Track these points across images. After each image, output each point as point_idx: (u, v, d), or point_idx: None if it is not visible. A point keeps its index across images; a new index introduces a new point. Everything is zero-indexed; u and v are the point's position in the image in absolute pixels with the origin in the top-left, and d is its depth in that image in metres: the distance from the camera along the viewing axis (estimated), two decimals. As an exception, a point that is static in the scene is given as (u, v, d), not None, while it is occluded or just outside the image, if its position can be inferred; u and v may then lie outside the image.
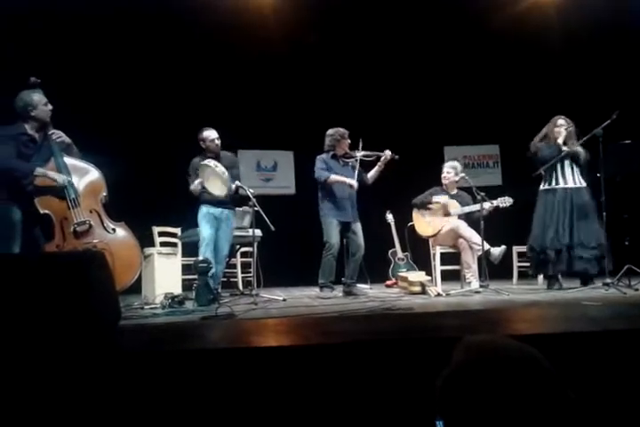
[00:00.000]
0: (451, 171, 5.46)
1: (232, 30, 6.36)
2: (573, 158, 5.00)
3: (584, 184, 4.99)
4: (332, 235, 5.01)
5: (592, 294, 4.29)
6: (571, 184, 4.99)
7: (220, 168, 4.55)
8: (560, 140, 5.00)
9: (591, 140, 4.79)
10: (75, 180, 3.93)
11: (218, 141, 4.87)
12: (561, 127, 5.04)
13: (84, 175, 4.02)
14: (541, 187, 5.13)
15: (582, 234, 4.82)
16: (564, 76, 7.04)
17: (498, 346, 1.02)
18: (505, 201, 5.14)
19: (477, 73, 7.29)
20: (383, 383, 1.96)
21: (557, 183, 5.02)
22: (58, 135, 3.97)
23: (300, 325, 2.98)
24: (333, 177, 5.05)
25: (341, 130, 5.20)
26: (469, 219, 5.31)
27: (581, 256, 4.76)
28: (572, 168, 5.02)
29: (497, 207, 5.12)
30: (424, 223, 5.47)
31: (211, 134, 4.86)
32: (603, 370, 1.99)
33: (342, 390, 1.95)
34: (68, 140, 4.02)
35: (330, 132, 5.24)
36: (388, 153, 5.09)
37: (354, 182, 5.01)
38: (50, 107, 3.93)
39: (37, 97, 3.89)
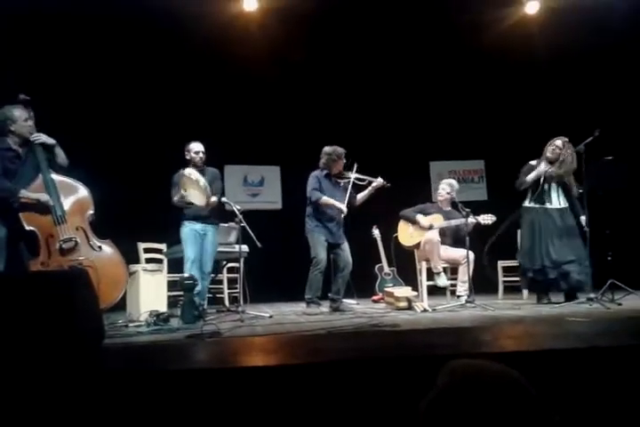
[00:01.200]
0: (447, 188, 5.54)
1: (220, 46, 6.41)
2: (560, 182, 5.07)
3: (566, 205, 5.08)
4: (320, 250, 5.01)
5: (576, 310, 4.32)
6: (555, 205, 5.07)
7: (197, 176, 4.53)
8: (542, 164, 5.05)
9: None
10: (62, 197, 3.91)
11: (202, 155, 4.86)
12: (554, 147, 5.09)
13: (72, 193, 4.00)
14: (526, 203, 5.18)
15: (570, 251, 4.87)
16: (548, 92, 7.15)
17: (481, 370, 1.03)
18: (487, 218, 5.17)
19: (463, 89, 7.39)
20: (370, 402, 1.95)
21: (541, 203, 5.09)
22: (37, 137, 3.93)
23: (287, 343, 2.96)
24: (325, 199, 5.05)
25: (339, 150, 5.17)
26: (457, 235, 5.36)
27: (572, 272, 4.80)
28: (558, 190, 5.10)
29: (478, 224, 5.14)
30: (407, 233, 5.55)
31: (195, 146, 4.86)
32: (588, 387, 2.01)
33: (329, 409, 1.94)
34: (50, 140, 3.98)
35: (327, 150, 5.20)
36: (380, 180, 5.12)
37: (344, 208, 5.01)
38: (30, 123, 3.92)
39: (18, 112, 3.89)
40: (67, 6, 5.56)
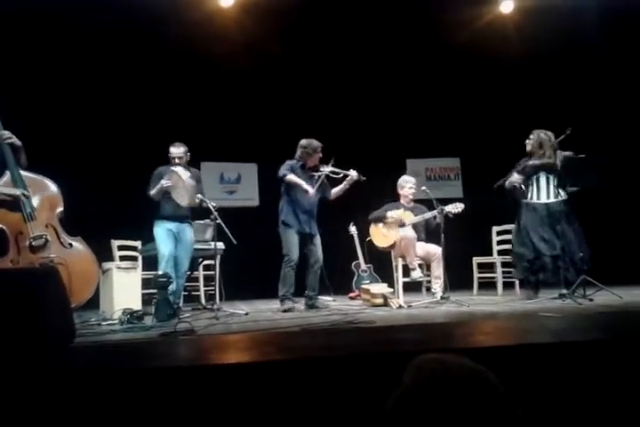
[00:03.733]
0: (413, 186, 5.57)
1: (195, 43, 6.36)
2: (548, 171, 4.98)
3: (562, 197, 4.95)
4: (292, 247, 5.00)
5: (549, 305, 4.38)
6: (544, 199, 4.99)
7: (188, 178, 4.53)
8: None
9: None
10: (31, 193, 3.84)
11: (177, 160, 4.83)
12: (526, 142, 5.13)
13: (41, 189, 3.93)
14: (523, 199, 5.13)
15: (567, 243, 4.83)
16: (522, 90, 7.23)
17: (448, 365, 1.03)
18: (456, 207, 5.15)
19: (439, 87, 7.43)
20: (344, 399, 1.95)
21: (532, 198, 5.04)
22: (8, 136, 3.85)
23: (261, 340, 2.95)
24: (291, 177, 5.00)
25: (314, 144, 5.15)
26: (428, 228, 5.38)
27: (571, 265, 4.79)
28: (548, 181, 5.01)
29: (449, 213, 5.12)
30: (380, 235, 5.55)
31: (175, 151, 4.85)
32: (558, 381, 2.03)
33: (303, 406, 1.93)
34: (18, 142, 3.91)
35: (302, 143, 5.17)
36: (354, 173, 5.08)
37: (310, 189, 4.97)
38: None
39: None
40: (41, 4, 5.47)
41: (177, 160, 4.82)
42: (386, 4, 6.53)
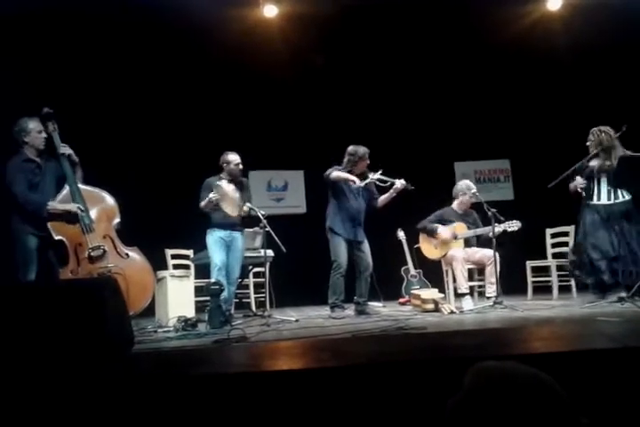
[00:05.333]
0: (467, 192, 5.42)
1: (241, 53, 6.46)
2: (609, 172, 4.79)
3: (624, 198, 4.78)
4: (340, 254, 4.99)
5: (608, 309, 4.23)
6: (604, 201, 4.82)
7: (232, 190, 4.63)
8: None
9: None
10: (89, 206, 3.99)
11: (241, 166, 4.98)
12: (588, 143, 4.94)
13: (99, 202, 4.09)
14: (585, 201, 4.97)
15: (628, 244, 4.66)
16: (572, 89, 7.05)
17: (508, 372, 1.02)
18: (512, 225, 5.03)
19: (486, 88, 7.32)
20: (396, 406, 1.94)
21: (592, 199, 4.88)
22: (66, 149, 4.03)
23: (313, 347, 2.96)
24: (336, 173, 4.98)
25: (361, 150, 5.08)
26: (479, 238, 5.30)
27: (633, 267, 4.60)
28: (609, 182, 4.81)
29: (504, 231, 5.03)
30: (431, 246, 5.49)
31: (236, 159, 4.97)
32: (619, 388, 1.96)
33: (356, 413, 1.94)
34: (75, 158, 4.10)
35: (350, 150, 5.12)
36: (401, 183, 4.99)
37: (357, 180, 4.90)
38: (44, 135, 4.02)
39: (33, 124, 3.99)
40: (89, 13, 5.69)
41: (240, 166, 4.94)
42: (428, 6, 6.48)
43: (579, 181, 4.88)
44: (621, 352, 2.13)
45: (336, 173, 4.99)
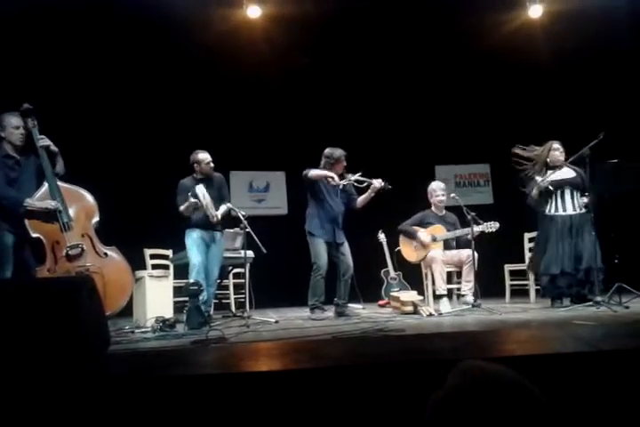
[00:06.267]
0: (441, 194, 5.51)
1: (223, 53, 6.44)
2: (573, 185, 4.95)
3: (582, 210, 4.93)
4: (320, 255, 4.99)
5: (583, 313, 4.29)
6: (570, 211, 4.94)
7: (207, 196, 4.62)
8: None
9: (579, 159, 4.85)
10: (68, 204, 3.94)
11: (212, 164, 4.92)
12: (556, 151, 5.05)
13: (78, 200, 4.04)
14: (543, 211, 5.08)
15: (586, 257, 4.78)
16: (552, 95, 7.15)
17: (491, 372, 1.02)
18: (491, 226, 5.12)
19: (467, 92, 7.39)
20: (375, 407, 1.95)
21: (557, 210, 4.99)
22: (43, 140, 3.98)
23: (292, 348, 2.96)
24: (313, 171, 5.00)
25: (337, 152, 5.12)
26: (459, 241, 5.35)
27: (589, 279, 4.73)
28: (573, 194, 4.97)
29: (482, 232, 5.10)
30: (411, 249, 5.54)
31: (206, 157, 4.90)
32: (593, 391, 1.99)
33: (334, 414, 1.94)
34: (54, 148, 4.04)
35: (326, 152, 5.15)
36: (378, 182, 5.03)
37: (335, 177, 4.92)
38: (21, 131, 3.96)
39: (10, 120, 3.94)
40: (71, 10, 5.63)
41: (211, 164, 4.88)
42: (412, 11, 6.53)
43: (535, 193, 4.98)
44: (595, 356, 2.17)
45: (314, 171, 5.01)
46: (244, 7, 6.41)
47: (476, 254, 4.96)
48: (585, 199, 4.88)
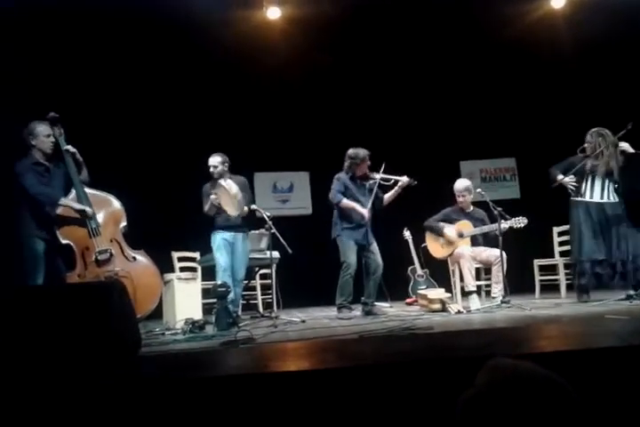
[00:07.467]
0: (465, 193, 5.41)
1: (245, 54, 6.48)
2: (606, 175, 4.87)
3: (614, 199, 4.86)
4: (350, 254, 4.99)
5: (616, 307, 4.21)
6: (597, 199, 4.89)
7: (234, 188, 4.61)
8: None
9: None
10: (96, 210, 4.02)
11: (220, 168, 4.89)
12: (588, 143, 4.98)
13: (105, 205, 4.12)
14: (572, 197, 5.03)
15: (628, 246, 4.70)
16: (577, 86, 7.02)
17: (523, 371, 1.02)
18: (519, 222, 5.03)
19: (490, 85, 7.31)
20: (404, 406, 1.94)
21: (584, 197, 4.94)
22: (73, 151, 4.06)
23: (319, 348, 2.97)
24: (346, 202, 5.01)
25: (361, 153, 5.09)
26: (486, 237, 5.29)
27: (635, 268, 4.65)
28: (604, 184, 4.89)
29: (511, 227, 5.03)
30: (437, 245, 5.48)
31: (212, 161, 4.91)
32: (626, 387, 1.96)
33: (363, 413, 1.94)
34: (79, 157, 4.12)
35: (350, 153, 5.13)
36: (405, 179, 5.03)
37: (365, 213, 4.95)
38: (51, 139, 4.05)
39: (41, 128, 4.03)
40: (92, 13, 5.71)
41: (211, 169, 4.89)
42: (432, 4, 6.48)
43: (565, 180, 4.89)
44: (627, 350, 2.13)
45: (344, 203, 5.01)
46: (264, 9, 6.45)
47: (504, 255, 4.89)
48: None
